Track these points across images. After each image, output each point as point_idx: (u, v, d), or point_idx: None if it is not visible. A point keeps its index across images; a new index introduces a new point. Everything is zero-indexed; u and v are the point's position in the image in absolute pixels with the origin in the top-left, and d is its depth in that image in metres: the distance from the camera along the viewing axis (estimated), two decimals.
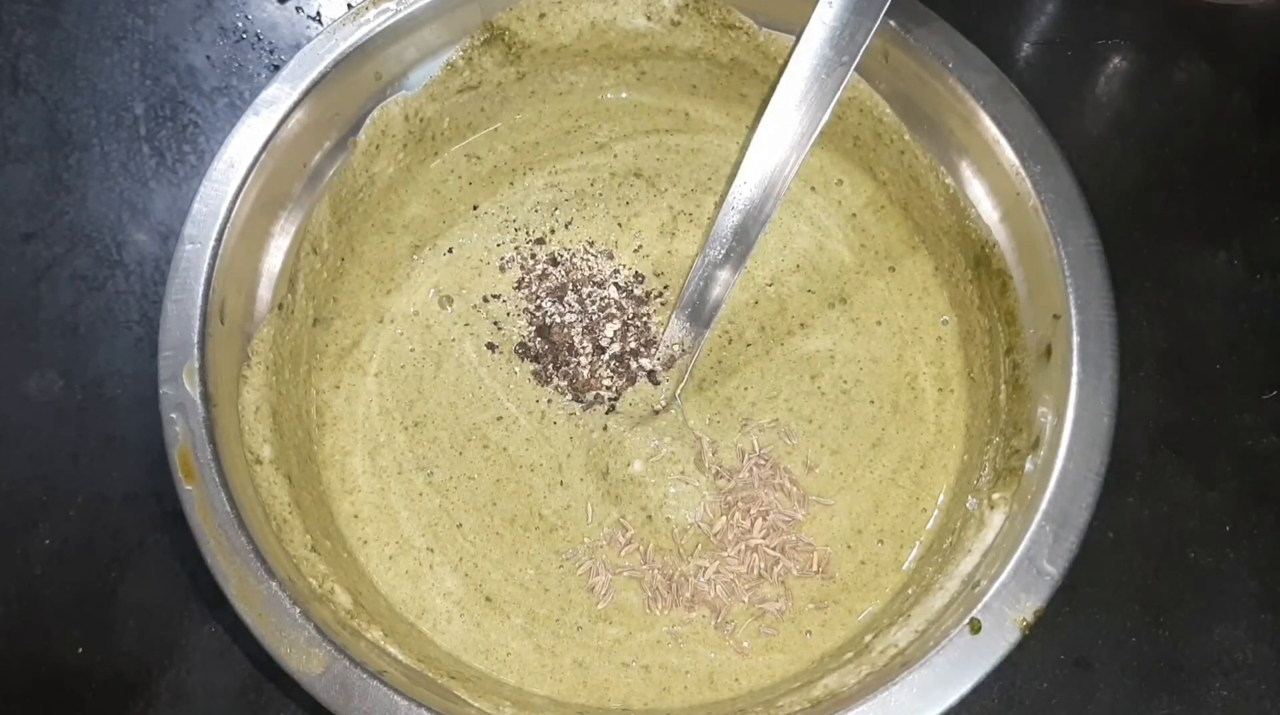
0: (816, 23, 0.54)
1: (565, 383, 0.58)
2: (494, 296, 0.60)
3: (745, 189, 0.56)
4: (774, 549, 0.55)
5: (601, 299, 0.60)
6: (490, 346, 0.59)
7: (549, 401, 0.58)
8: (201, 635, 0.57)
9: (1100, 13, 0.71)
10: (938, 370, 0.59)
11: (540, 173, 0.63)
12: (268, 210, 0.54)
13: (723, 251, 0.57)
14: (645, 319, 0.60)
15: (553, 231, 0.62)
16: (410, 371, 0.59)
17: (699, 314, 0.57)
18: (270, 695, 0.56)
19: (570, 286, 0.60)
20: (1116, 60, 0.70)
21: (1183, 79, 0.70)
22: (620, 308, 0.60)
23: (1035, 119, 0.53)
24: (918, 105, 0.57)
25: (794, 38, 0.57)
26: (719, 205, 0.59)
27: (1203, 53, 0.70)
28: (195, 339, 0.49)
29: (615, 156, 0.64)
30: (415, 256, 0.61)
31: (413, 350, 0.59)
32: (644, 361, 0.58)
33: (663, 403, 0.58)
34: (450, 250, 0.61)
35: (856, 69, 0.53)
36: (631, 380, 0.58)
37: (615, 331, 0.59)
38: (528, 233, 0.62)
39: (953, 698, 0.45)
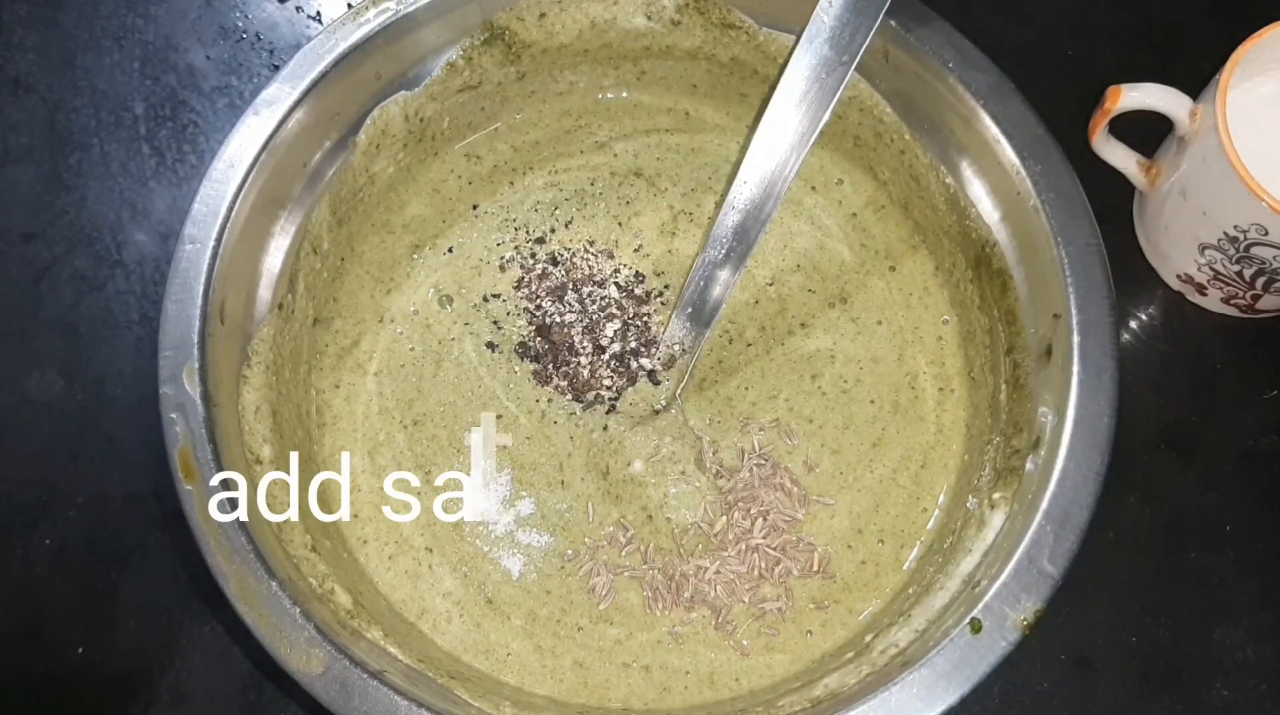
0: (816, 23, 0.54)
1: (565, 382, 0.58)
2: (494, 296, 0.60)
3: (745, 188, 0.56)
4: (774, 549, 0.55)
5: (601, 299, 0.60)
6: (490, 346, 0.59)
7: (549, 401, 0.58)
8: (201, 635, 0.57)
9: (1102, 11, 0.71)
10: (938, 370, 0.59)
11: (540, 172, 0.63)
12: (268, 210, 0.54)
13: (723, 251, 0.57)
14: (645, 319, 0.60)
15: (553, 231, 0.62)
16: (410, 371, 0.59)
17: (699, 314, 0.57)
18: (270, 695, 0.56)
19: (570, 286, 0.60)
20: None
21: None
22: (620, 307, 0.60)
23: (1035, 119, 0.53)
24: (918, 105, 0.57)
25: (794, 38, 0.57)
26: (719, 205, 0.59)
27: None
28: (195, 339, 0.49)
29: (615, 156, 0.64)
30: (415, 256, 0.61)
31: (412, 350, 0.59)
32: (644, 361, 0.58)
33: (663, 402, 0.58)
34: (450, 250, 0.61)
35: (856, 69, 0.53)
36: (632, 380, 0.58)
37: (615, 331, 0.59)
38: (528, 232, 0.62)
39: (953, 698, 0.45)
